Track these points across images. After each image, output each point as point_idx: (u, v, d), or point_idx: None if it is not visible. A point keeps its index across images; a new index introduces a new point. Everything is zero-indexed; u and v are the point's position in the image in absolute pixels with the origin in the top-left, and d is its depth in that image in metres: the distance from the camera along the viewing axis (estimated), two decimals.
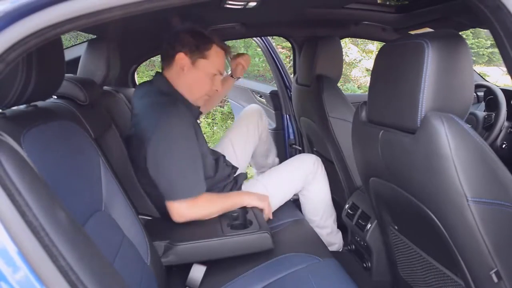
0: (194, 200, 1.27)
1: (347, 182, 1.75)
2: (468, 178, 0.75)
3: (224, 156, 1.59)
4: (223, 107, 5.55)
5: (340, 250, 1.77)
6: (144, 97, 1.37)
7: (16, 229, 0.53)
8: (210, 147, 1.59)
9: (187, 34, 1.34)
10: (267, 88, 2.63)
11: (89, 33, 1.78)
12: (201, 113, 1.53)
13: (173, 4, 0.62)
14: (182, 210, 1.27)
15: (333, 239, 1.74)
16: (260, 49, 2.85)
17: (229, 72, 1.86)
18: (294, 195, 1.70)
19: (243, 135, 1.84)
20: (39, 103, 0.94)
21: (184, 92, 1.39)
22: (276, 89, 2.53)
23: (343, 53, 2.03)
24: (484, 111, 1.84)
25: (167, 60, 1.37)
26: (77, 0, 0.55)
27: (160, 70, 1.44)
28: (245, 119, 1.88)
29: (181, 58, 1.33)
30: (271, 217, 1.46)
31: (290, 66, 3.84)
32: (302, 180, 1.65)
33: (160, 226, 1.34)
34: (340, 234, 1.78)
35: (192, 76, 1.35)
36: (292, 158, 1.77)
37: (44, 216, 0.55)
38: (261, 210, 1.41)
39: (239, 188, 1.56)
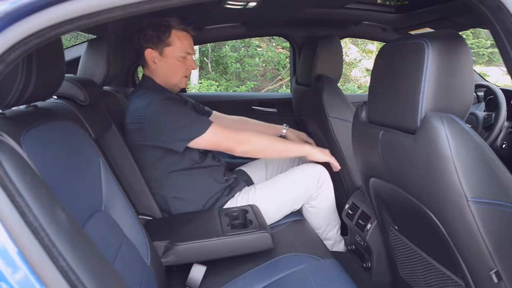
0: (232, 129, 1.41)
1: (347, 182, 1.75)
2: (468, 178, 0.75)
3: (213, 153, 1.66)
4: None
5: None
6: (133, 97, 1.47)
7: (16, 229, 0.53)
8: None
9: (148, 29, 1.43)
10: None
11: (89, 33, 1.77)
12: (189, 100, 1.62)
13: (173, 4, 0.62)
14: (226, 135, 1.39)
15: (335, 249, 1.70)
16: (260, 49, 2.85)
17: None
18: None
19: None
20: (39, 103, 0.94)
21: (165, 83, 1.50)
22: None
23: (343, 53, 2.02)
24: (484, 111, 1.84)
25: (142, 59, 1.48)
26: (77, 0, 0.55)
27: None
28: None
29: (149, 53, 1.45)
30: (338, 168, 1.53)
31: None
32: (305, 196, 1.56)
33: (160, 226, 1.34)
34: (343, 242, 1.72)
35: (165, 65, 1.46)
36: (297, 169, 1.61)
37: (44, 216, 0.55)
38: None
39: (231, 197, 1.53)
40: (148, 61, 1.46)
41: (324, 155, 1.53)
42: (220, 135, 1.39)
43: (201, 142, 1.38)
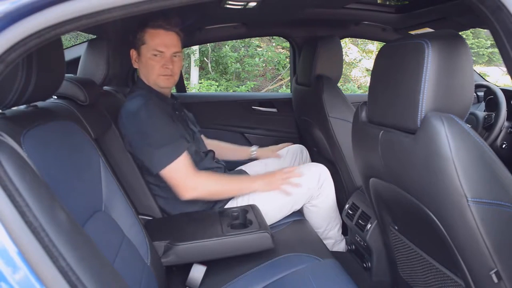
0: (191, 168, 1.37)
1: (347, 182, 1.75)
2: (468, 178, 0.75)
3: (213, 153, 1.66)
4: None
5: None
6: (126, 99, 1.49)
7: (16, 229, 0.53)
8: None
9: (133, 32, 1.46)
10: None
11: (89, 33, 1.77)
12: (176, 102, 1.60)
13: (173, 4, 0.62)
14: (184, 178, 1.35)
15: (336, 248, 1.70)
16: (260, 49, 2.85)
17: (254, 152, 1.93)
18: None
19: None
20: (39, 103, 0.94)
21: (148, 82, 1.50)
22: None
23: (343, 53, 2.02)
24: (484, 111, 1.84)
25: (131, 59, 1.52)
26: (77, 0, 0.55)
27: None
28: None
29: (132, 53, 1.49)
30: (299, 187, 1.48)
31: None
32: (306, 196, 1.56)
33: (160, 226, 1.34)
34: (343, 241, 1.71)
35: (141, 64, 1.49)
36: (297, 169, 1.59)
37: (44, 216, 0.55)
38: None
39: (231, 197, 1.52)
40: (133, 62, 1.51)
41: (269, 186, 1.47)
42: (178, 173, 1.35)
43: (164, 173, 1.36)
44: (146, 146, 1.35)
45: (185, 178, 1.35)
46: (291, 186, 1.46)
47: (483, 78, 2.38)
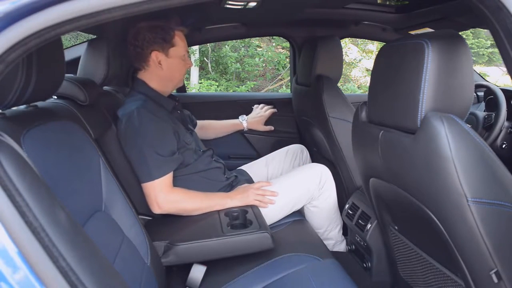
0: (167, 188, 1.35)
1: (347, 182, 1.75)
2: (468, 178, 0.75)
3: (212, 151, 1.66)
4: None
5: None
6: (124, 102, 1.46)
7: (16, 229, 0.53)
8: None
9: (148, 33, 1.40)
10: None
11: (89, 33, 1.78)
12: (177, 101, 1.59)
13: (173, 4, 0.62)
14: (156, 196, 1.33)
15: (336, 249, 1.69)
16: (260, 49, 2.85)
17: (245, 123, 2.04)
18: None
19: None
20: (39, 103, 0.94)
21: (165, 85, 1.49)
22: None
23: (343, 53, 2.02)
24: (484, 111, 1.84)
25: (142, 62, 1.45)
26: (77, 0, 0.55)
27: None
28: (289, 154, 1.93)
29: (155, 55, 1.42)
30: (272, 203, 1.46)
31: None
32: (306, 196, 1.57)
33: (160, 226, 1.34)
34: (344, 242, 1.71)
35: (170, 65, 1.45)
36: (298, 170, 1.64)
37: (44, 216, 0.55)
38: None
39: None
40: (153, 63, 1.43)
41: (243, 202, 1.44)
42: (153, 190, 1.34)
43: (142, 185, 1.35)
44: (134, 155, 1.35)
45: (157, 194, 1.34)
46: (264, 203, 1.45)
47: (483, 78, 2.38)
